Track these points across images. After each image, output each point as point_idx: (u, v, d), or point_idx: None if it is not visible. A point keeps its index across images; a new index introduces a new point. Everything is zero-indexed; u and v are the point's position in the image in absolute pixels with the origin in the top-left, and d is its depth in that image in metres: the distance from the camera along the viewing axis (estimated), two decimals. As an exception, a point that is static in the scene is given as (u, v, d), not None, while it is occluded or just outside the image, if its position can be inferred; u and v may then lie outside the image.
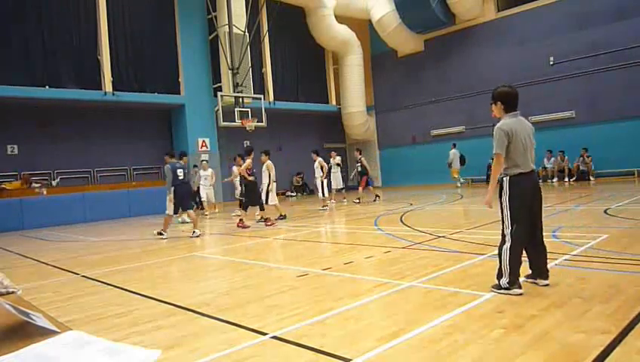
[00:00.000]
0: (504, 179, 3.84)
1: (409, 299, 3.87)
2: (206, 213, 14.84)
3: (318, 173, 14.49)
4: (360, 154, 15.33)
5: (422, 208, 11.84)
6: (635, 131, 15.93)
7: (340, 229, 8.95)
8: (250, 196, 10.80)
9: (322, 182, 14.31)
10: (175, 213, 9.81)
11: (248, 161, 10.62)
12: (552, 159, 17.56)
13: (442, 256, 5.56)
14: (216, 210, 15.71)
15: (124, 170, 17.71)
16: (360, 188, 15.21)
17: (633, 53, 15.94)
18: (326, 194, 14.45)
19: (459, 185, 18.95)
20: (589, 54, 16.87)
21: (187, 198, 9.83)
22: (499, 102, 3.91)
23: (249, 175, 10.60)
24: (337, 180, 15.17)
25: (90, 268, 6.60)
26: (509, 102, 3.88)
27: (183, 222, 12.38)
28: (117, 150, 17.43)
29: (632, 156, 15.95)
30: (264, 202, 11.07)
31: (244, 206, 10.99)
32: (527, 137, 3.85)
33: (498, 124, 3.85)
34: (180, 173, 9.51)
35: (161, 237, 9.70)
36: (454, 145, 19.46)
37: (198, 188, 14.53)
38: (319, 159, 14.43)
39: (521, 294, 3.68)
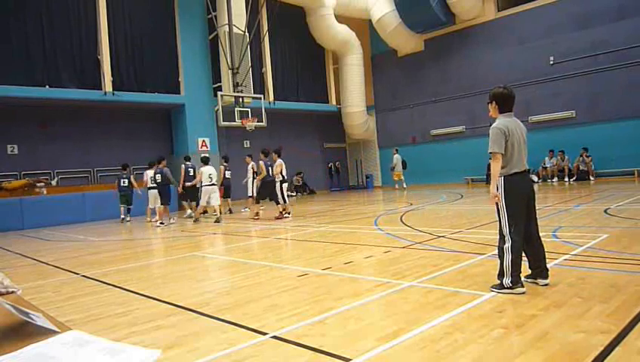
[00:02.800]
0: (499, 179, 3.87)
1: (409, 299, 3.87)
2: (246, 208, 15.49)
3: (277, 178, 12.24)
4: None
5: (422, 208, 11.84)
6: (636, 131, 15.92)
7: (340, 229, 8.96)
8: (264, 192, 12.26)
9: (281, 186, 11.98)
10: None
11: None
12: (553, 159, 17.56)
13: (442, 255, 5.56)
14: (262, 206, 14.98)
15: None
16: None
17: (633, 52, 15.93)
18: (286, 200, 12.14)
19: (397, 186, 20.48)
20: (589, 54, 16.87)
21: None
22: (494, 102, 3.94)
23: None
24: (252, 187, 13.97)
25: (90, 268, 6.60)
26: (505, 102, 3.91)
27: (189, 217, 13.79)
28: (117, 150, 17.43)
29: (633, 156, 15.95)
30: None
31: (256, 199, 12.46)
32: (521, 137, 3.89)
33: (494, 124, 3.89)
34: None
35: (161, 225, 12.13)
36: (397, 151, 20.93)
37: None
38: (279, 161, 12.11)
39: (524, 293, 3.69)
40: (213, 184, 12.39)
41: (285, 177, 11.97)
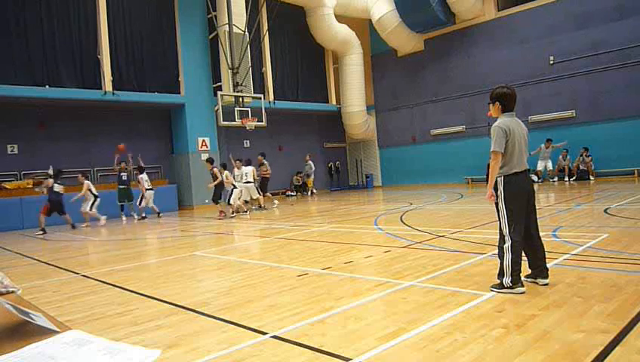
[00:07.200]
0: (499, 178, 3.88)
1: (409, 299, 3.87)
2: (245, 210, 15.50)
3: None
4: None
5: (422, 208, 11.84)
6: (636, 130, 15.92)
7: (340, 229, 8.96)
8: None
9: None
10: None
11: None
12: (549, 162, 17.51)
13: (442, 255, 5.56)
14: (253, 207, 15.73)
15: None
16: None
17: (633, 52, 15.92)
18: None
19: (314, 191, 21.99)
20: (590, 54, 16.86)
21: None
22: (497, 103, 3.94)
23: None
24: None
25: (90, 268, 6.60)
26: (507, 102, 3.92)
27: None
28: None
29: (633, 155, 15.95)
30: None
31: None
32: (522, 137, 3.90)
33: (496, 123, 3.89)
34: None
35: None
36: (310, 157, 22.07)
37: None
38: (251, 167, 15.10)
39: (524, 292, 3.69)
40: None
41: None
